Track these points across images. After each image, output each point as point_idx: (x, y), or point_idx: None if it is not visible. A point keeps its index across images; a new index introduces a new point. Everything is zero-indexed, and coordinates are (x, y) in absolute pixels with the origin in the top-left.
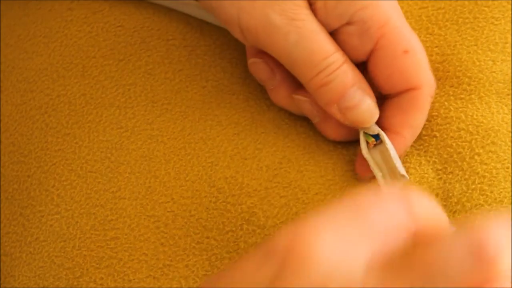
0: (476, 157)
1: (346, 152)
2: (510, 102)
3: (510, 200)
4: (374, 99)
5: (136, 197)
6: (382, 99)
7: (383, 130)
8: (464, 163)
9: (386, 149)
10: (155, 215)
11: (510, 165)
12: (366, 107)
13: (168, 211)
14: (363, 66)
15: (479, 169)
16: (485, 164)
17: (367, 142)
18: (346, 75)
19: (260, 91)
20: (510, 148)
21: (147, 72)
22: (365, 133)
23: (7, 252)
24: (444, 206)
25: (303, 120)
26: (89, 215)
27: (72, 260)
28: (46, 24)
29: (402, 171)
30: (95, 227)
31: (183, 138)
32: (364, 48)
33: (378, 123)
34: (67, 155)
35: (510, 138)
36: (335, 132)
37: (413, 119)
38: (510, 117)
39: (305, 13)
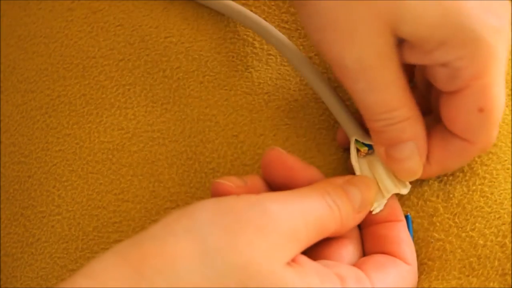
0: (476, 158)
1: (347, 157)
2: (510, 103)
3: (511, 202)
4: (424, 159)
5: (140, 201)
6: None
7: None
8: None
9: (376, 161)
10: None
11: (510, 166)
12: (410, 166)
13: None
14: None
15: (480, 171)
16: (486, 165)
17: (358, 150)
18: (403, 131)
19: (257, 85)
20: (510, 149)
21: (146, 71)
22: (357, 141)
23: (9, 253)
24: (445, 207)
25: (303, 120)
26: (91, 217)
27: (75, 262)
28: (46, 24)
29: (393, 190)
30: (98, 228)
31: (184, 141)
32: (447, 87)
33: None
34: (68, 155)
35: (510, 140)
36: None
37: (452, 164)
38: (510, 118)
39: (382, 61)
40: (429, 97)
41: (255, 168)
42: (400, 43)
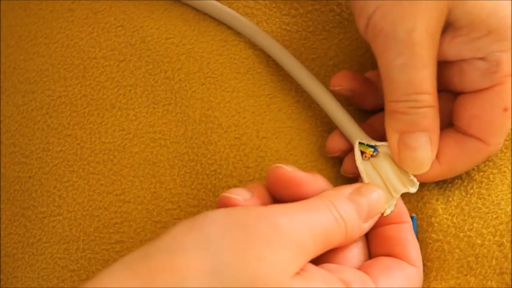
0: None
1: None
2: None
3: (508, 202)
4: (435, 155)
5: (142, 202)
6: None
7: None
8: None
9: (381, 161)
10: (162, 221)
11: (506, 169)
12: (421, 156)
13: (174, 218)
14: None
15: (477, 176)
16: (482, 171)
17: (362, 153)
18: (424, 118)
19: (259, 87)
20: (506, 154)
21: (147, 72)
22: (361, 143)
23: (9, 253)
24: (444, 209)
25: (305, 122)
26: (92, 217)
27: (76, 262)
28: (47, 25)
29: (402, 190)
30: (99, 229)
31: (185, 143)
32: (477, 85)
33: None
34: (69, 156)
35: (506, 146)
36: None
37: (462, 165)
38: None
39: (430, 39)
40: None
41: (257, 171)
42: (443, 33)
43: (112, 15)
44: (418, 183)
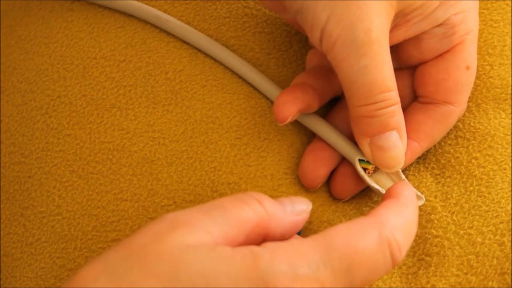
0: (473, 160)
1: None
2: (507, 107)
3: (508, 201)
4: (405, 147)
5: (138, 199)
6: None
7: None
8: (462, 167)
9: (384, 178)
10: (157, 218)
11: (507, 166)
12: (395, 154)
13: None
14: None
15: (477, 172)
16: (482, 167)
17: (364, 169)
18: (392, 117)
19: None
20: (507, 150)
21: (147, 73)
22: (361, 160)
23: (8, 253)
24: (443, 206)
25: (306, 128)
26: (90, 217)
27: (73, 261)
28: (47, 25)
29: (417, 192)
30: (96, 228)
31: (185, 141)
32: (438, 51)
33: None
34: (68, 156)
35: (507, 141)
36: None
37: (438, 132)
38: (508, 121)
39: (385, 39)
40: None
41: (258, 169)
42: (396, 24)
43: (112, 16)
44: (423, 196)
